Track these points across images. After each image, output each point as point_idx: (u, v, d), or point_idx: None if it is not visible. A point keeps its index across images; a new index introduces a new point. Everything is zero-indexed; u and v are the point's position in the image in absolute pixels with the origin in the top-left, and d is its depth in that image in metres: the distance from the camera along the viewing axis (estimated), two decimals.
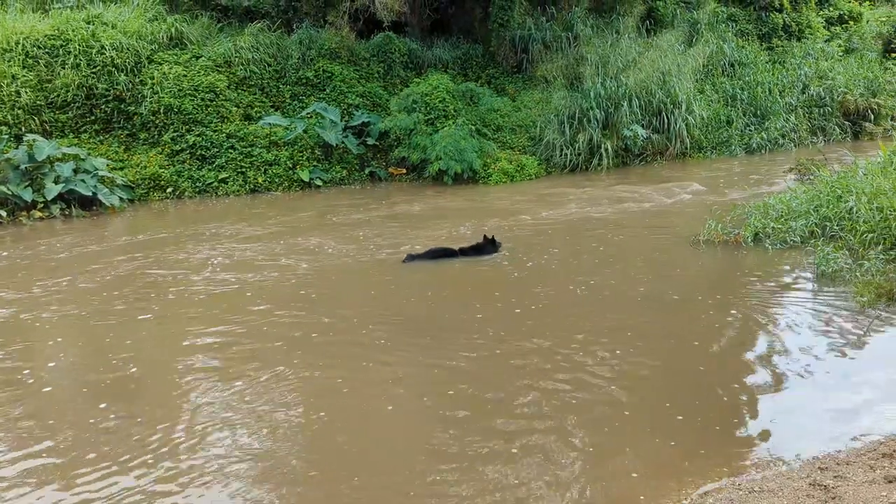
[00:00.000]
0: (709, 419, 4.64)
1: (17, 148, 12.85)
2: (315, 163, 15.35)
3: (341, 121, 15.88)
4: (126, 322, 6.96)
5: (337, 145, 15.42)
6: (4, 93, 13.75)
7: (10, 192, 12.20)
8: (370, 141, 15.96)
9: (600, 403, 4.90)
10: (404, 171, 15.85)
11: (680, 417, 4.65)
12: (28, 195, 12.29)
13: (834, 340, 5.82)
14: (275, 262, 9.01)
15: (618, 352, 5.76)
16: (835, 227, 8.45)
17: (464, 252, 8.85)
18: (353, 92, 16.63)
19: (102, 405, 5.12)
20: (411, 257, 8.85)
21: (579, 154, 15.93)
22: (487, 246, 8.91)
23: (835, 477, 3.79)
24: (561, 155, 15.97)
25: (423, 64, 18.01)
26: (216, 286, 8.07)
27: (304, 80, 16.62)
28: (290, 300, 7.48)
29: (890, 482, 3.68)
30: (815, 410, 4.73)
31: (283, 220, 11.80)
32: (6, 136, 13.27)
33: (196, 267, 8.94)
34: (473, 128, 15.87)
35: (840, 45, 22.36)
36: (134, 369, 5.77)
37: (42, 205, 12.44)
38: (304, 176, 14.91)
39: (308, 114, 15.85)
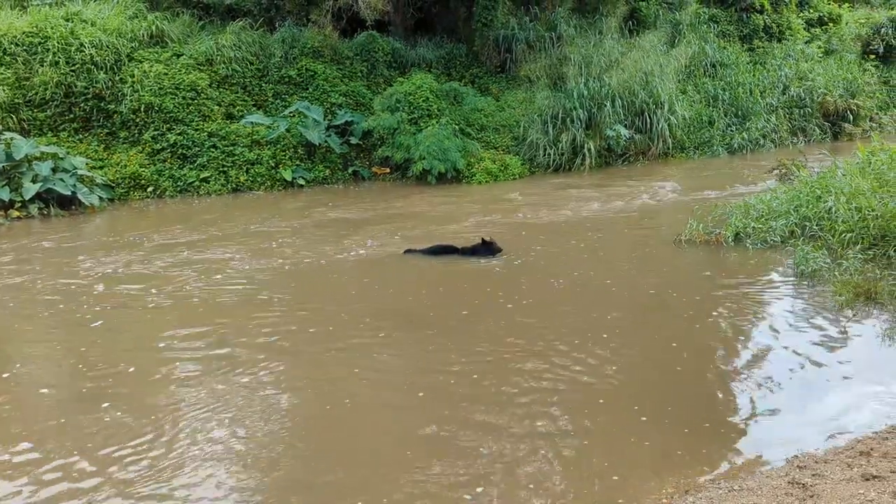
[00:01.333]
0: (687, 419, 4.66)
1: None
2: (298, 162, 15.25)
3: (324, 120, 15.78)
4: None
5: (320, 144, 15.33)
6: None
7: None
8: (353, 140, 15.87)
9: (579, 404, 4.91)
10: (388, 170, 15.79)
11: (659, 417, 4.67)
12: (5, 194, 12.10)
13: (812, 339, 5.87)
14: (256, 263, 8.96)
15: (599, 352, 5.77)
16: (814, 227, 8.53)
17: (464, 252, 8.95)
18: (337, 91, 16.55)
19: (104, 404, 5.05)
20: (410, 251, 9.08)
21: (562, 154, 15.95)
22: (485, 248, 8.96)
23: (813, 475, 3.81)
24: (544, 155, 15.99)
25: (406, 63, 17.94)
26: (188, 290, 7.96)
27: (286, 79, 16.50)
28: (267, 301, 7.43)
29: (867, 480, 3.71)
30: (794, 409, 4.77)
31: (261, 221, 11.69)
32: None
33: (162, 269, 8.82)
34: (457, 127, 15.84)
35: (820, 47, 22.56)
36: (128, 369, 5.71)
37: (20, 204, 12.25)
38: (287, 175, 14.80)
39: (291, 113, 15.73)
